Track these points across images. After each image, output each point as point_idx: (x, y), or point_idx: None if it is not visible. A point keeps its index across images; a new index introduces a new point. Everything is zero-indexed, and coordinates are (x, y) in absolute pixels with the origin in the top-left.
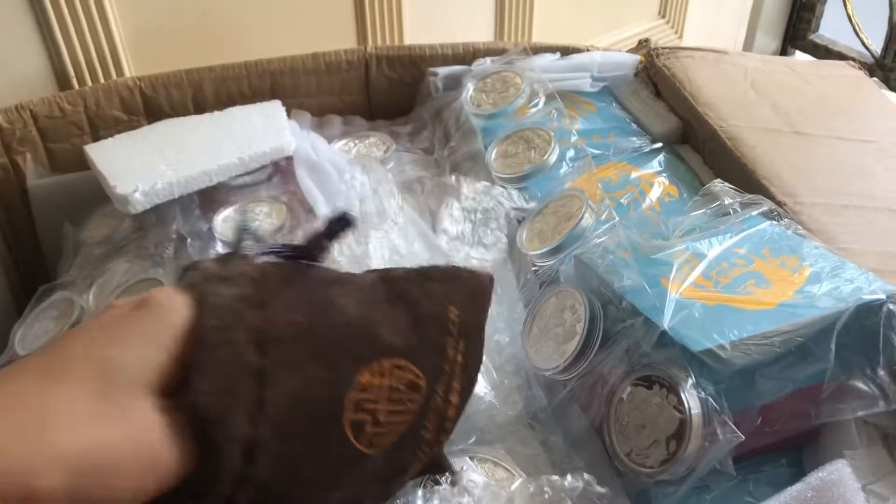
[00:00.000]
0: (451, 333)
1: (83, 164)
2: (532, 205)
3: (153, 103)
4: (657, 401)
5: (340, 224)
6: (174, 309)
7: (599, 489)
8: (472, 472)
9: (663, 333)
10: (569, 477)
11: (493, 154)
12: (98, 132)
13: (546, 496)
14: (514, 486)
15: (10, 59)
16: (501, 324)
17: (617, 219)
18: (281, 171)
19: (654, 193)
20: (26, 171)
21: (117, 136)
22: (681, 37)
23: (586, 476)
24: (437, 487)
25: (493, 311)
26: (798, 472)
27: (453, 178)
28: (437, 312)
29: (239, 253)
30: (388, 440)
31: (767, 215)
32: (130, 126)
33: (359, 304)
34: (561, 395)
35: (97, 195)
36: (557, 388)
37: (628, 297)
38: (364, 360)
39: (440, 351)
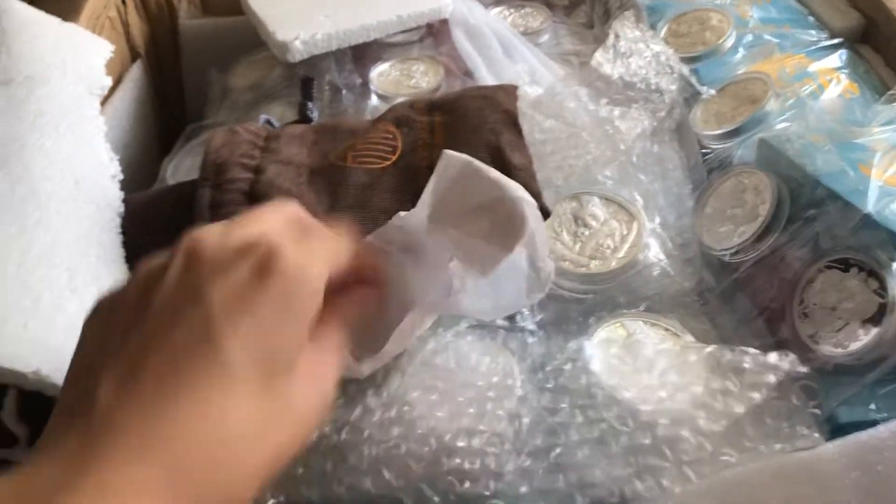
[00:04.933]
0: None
1: (234, 8)
2: (704, 88)
3: None
4: (854, 283)
5: (309, 84)
6: (306, 280)
7: (801, 369)
8: (644, 334)
9: (865, 218)
10: (774, 354)
11: (662, 32)
12: None
13: (746, 367)
14: (707, 350)
15: None
16: (664, 201)
17: (810, 103)
18: (433, 33)
19: (834, 89)
20: (179, 10)
21: None
22: None
23: (790, 355)
24: (614, 338)
25: (657, 186)
26: None
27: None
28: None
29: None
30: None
31: None
32: None
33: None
34: (730, 279)
35: (245, 42)
36: (727, 272)
37: (824, 180)
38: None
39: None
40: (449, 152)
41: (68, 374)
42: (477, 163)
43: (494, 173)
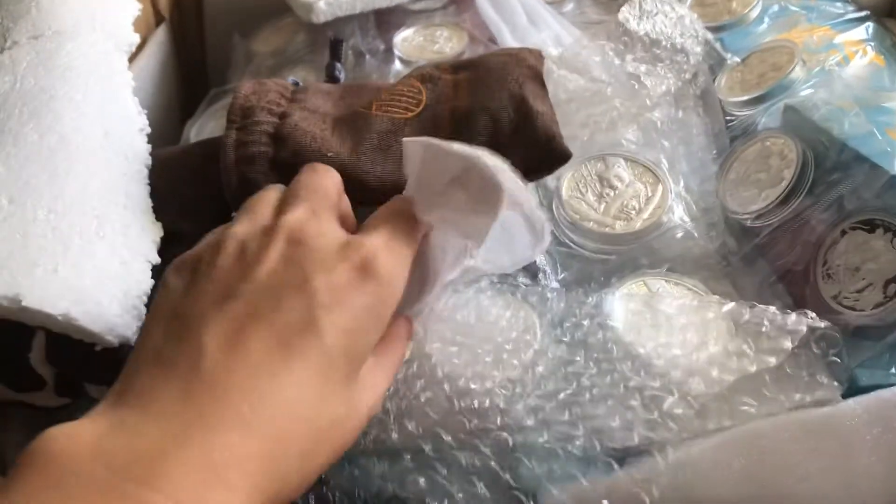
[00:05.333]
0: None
1: None
2: (729, 55)
3: None
4: (879, 244)
5: (338, 46)
6: (396, 287)
7: (819, 324)
8: (665, 292)
9: (892, 179)
10: (793, 315)
11: (689, 1)
12: None
13: (763, 329)
14: (726, 308)
15: None
16: (687, 166)
17: (836, 71)
18: (456, 0)
19: (860, 61)
20: None
21: None
22: None
23: (811, 314)
24: (635, 294)
25: (681, 151)
26: None
27: None
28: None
29: None
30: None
31: None
32: None
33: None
34: (753, 243)
35: (269, 7)
36: (749, 236)
37: (851, 143)
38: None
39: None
40: (406, 140)
41: (152, 318)
42: (436, 141)
43: (457, 146)
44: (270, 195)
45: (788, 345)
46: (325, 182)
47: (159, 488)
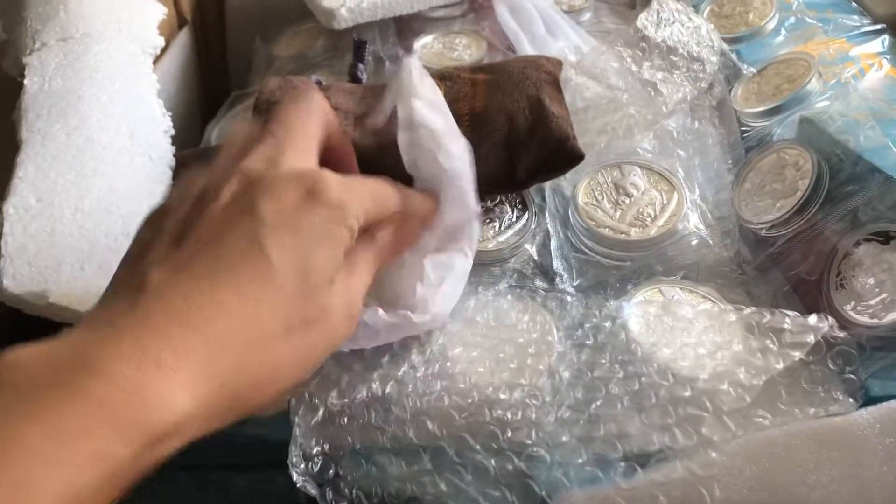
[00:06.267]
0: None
1: None
2: (745, 66)
3: None
4: (893, 256)
5: (362, 47)
6: (349, 214)
7: (838, 333)
8: (682, 301)
9: None
10: (814, 316)
11: (705, 12)
12: None
13: (785, 328)
14: (746, 311)
15: None
16: (702, 176)
17: (852, 83)
18: (476, 8)
19: (875, 74)
20: None
21: None
22: None
23: (830, 318)
24: (652, 300)
25: (696, 161)
26: None
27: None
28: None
29: None
30: None
31: None
32: None
33: None
34: (767, 252)
35: (290, 12)
36: (764, 246)
37: (866, 156)
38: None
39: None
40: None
41: (119, 266)
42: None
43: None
44: (236, 138)
45: (812, 339)
46: (300, 116)
47: (96, 374)
